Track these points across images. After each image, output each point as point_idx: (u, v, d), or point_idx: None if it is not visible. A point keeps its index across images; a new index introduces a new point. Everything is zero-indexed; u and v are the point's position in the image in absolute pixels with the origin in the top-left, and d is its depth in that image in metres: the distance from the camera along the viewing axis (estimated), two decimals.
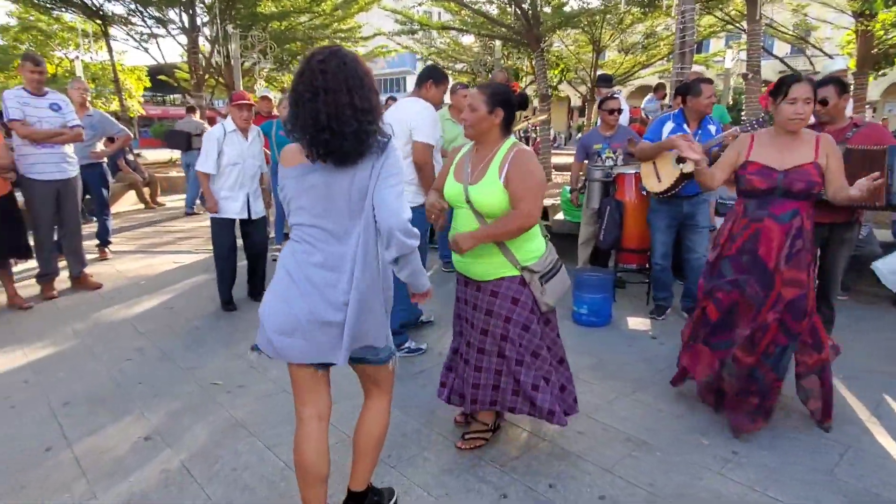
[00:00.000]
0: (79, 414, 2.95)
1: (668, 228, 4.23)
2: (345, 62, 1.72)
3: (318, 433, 1.95)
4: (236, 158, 4.40)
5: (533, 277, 2.45)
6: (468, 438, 2.67)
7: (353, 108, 1.70)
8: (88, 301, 4.80)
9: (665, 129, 4.09)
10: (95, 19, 15.68)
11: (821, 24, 17.92)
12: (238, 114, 4.39)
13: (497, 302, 2.46)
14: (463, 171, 2.49)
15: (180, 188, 12.29)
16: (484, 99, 2.38)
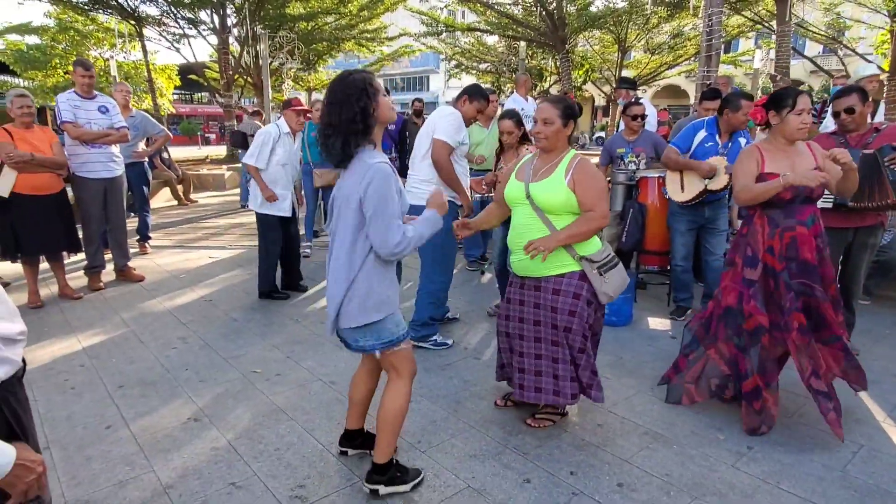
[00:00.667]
0: (132, 396, 3.19)
1: (688, 231, 4.33)
2: (337, 83, 2.15)
3: (361, 374, 2.52)
4: (285, 159, 4.69)
5: (592, 267, 2.64)
6: (539, 418, 2.90)
7: (322, 121, 2.15)
8: (133, 293, 5.08)
9: (697, 138, 4.15)
10: (130, 20, 16.16)
11: (854, 23, 17.62)
12: (295, 118, 4.69)
13: (560, 299, 2.66)
14: (525, 172, 2.74)
15: (210, 185, 12.66)
16: (558, 113, 2.65)
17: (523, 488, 2.41)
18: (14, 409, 1.32)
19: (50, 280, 5.07)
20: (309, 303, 4.85)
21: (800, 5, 14.02)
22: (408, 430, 2.85)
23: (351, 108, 2.07)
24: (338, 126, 2.08)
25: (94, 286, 5.13)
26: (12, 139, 4.40)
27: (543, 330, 2.74)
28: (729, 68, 19.57)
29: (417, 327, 3.83)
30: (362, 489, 2.38)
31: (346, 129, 2.08)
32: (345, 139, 2.09)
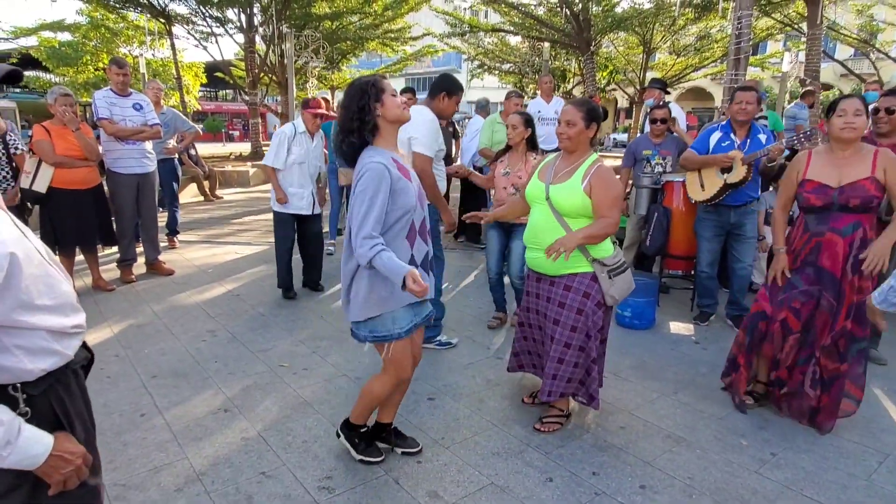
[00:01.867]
0: (165, 385, 3.29)
1: (714, 237, 4.30)
2: (347, 89, 2.31)
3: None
4: (301, 158, 4.73)
5: (603, 270, 2.74)
6: (546, 422, 2.92)
7: (338, 125, 2.32)
8: (163, 286, 5.21)
9: (712, 139, 4.15)
10: (160, 18, 16.46)
11: (888, 26, 17.26)
12: (311, 119, 4.74)
13: (570, 295, 2.75)
14: (547, 173, 2.82)
15: (235, 182, 12.85)
16: (582, 115, 2.72)
17: (546, 486, 2.45)
18: (62, 398, 1.33)
19: (84, 272, 5.22)
20: (334, 299, 4.93)
21: (831, 7, 13.78)
22: (431, 426, 2.90)
23: (351, 109, 2.23)
24: (343, 127, 2.24)
25: (125, 279, 5.27)
26: (50, 137, 4.54)
27: (550, 326, 2.82)
28: (756, 71, 19.29)
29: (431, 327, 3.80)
30: (388, 482, 2.44)
31: (347, 128, 2.23)
32: (345, 138, 2.25)
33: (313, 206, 4.87)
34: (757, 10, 11.98)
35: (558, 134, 2.79)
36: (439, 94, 3.69)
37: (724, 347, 3.99)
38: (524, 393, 3.25)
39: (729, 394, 3.26)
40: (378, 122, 2.24)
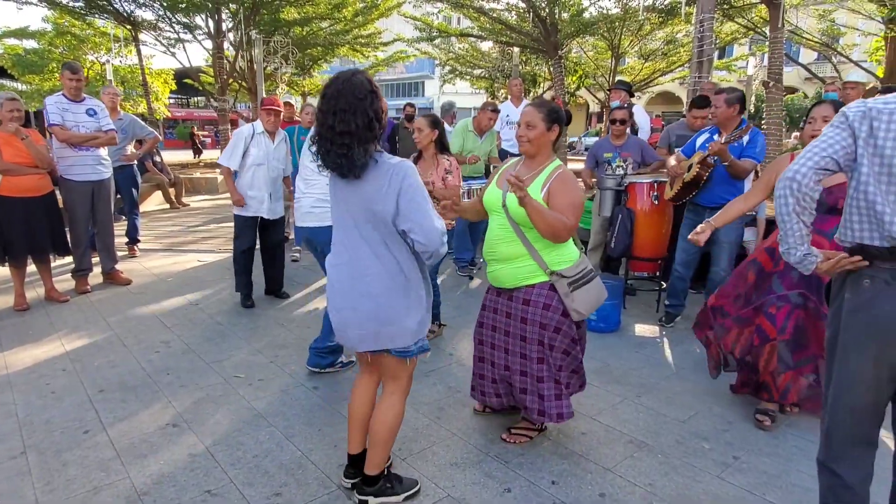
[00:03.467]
0: (113, 400, 3.15)
1: None
2: (340, 87, 1.97)
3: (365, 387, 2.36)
4: (261, 159, 4.59)
5: (561, 282, 2.55)
6: (514, 433, 2.81)
7: (331, 131, 1.96)
8: (119, 296, 5.03)
9: (699, 140, 4.19)
10: (126, 25, 16.13)
11: (848, 30, 17.70)
12: (266, 118, 4.59)
13: (530, 310, 2.58)
14: (505, 180, 2.60)
15: (203, 189, 12.63)
16: (542, 116, 2.53)
17: (503, 498, 2.38)
18: None
19: (37, 283, 5.03)
20: (296, 307, 4.81)
21: (793, 12, 14.07)
22: None
23: (365, 113, 1.96)
24: (355, 133, 1.95)
25: (80, 289, 5.09)
26: None
27: (511, 341, 2.68)
28: (723, 74, 19.64)
29: (325, 354, 3.53)
30: (340, 496, 2.35)
31: (365, 135, 1.97)
32: (365, 147, 1.97)
33: (274, 211, 4.72)
34: (720, 15, 12.18)
35: (518, 137, 2.60)
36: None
37: (689, 350, 4.01)
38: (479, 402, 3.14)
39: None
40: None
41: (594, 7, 13.80)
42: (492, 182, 2.77)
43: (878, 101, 1.68)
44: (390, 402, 2.24)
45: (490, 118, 5.66)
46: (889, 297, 1.68)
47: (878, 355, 1.74)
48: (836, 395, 1.86)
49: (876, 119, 1.64)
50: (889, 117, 1.63)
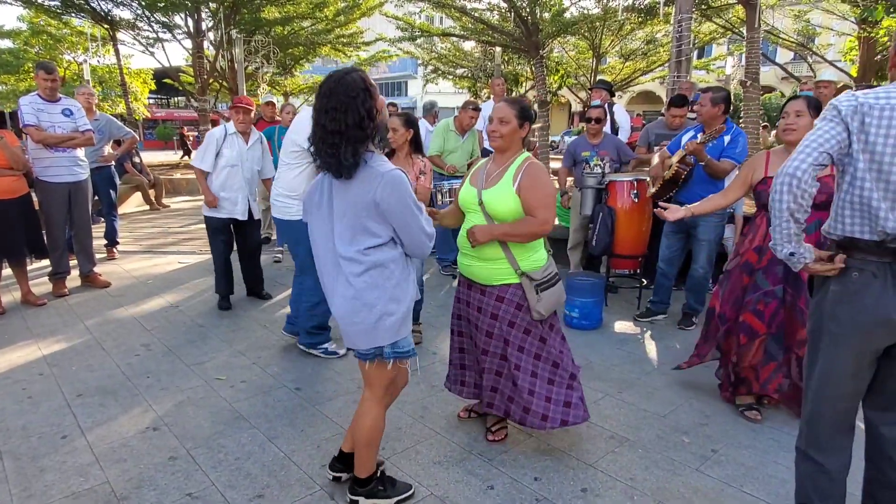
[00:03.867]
0: (91, 404, 3.10)
1: (672, 233, 4.33)
2: (333, 85, 1.96)
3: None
4: (234, 160, 4.51)
5: (531, 285, 2.57)
6: (496, 431, 2.84)
7: (323, 130, 1.96)
8: (98, 299, 4.96)
9: (684, 139, 4.24)
10: (103, 24, 15.89)
11: (823, 30, 18.00)
12: (235, 116, 4.53)
13: (502, 307, 2.60)
14: (479, 177, 2.67)
15: (184, 190, 12.48)
16: (515, 113, 2.57)
17: (487, 495, 2.39)
18: None
19: (13, 286, 4.94)
20: (278, 308, 4.79)
21: (769, 12, 14.29)
22: None
23: (357, 111, 1.92)
24: (344, 133, 1.92)
25: (58, 292, 5.01)
26: None
27: (478, 336, 2.69)
28: (702, 73, 19.87)
29: (314, 332, 3.75)
30: (323, 497, 2.35)
31: (355, 135, 1.93)
32: (354, 147, 1.94)
33: (249, 212, 4.65)
34: (698, 15, 12.33)
35: (490, 132, 2.63)
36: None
37: (669, 346, 4.06)
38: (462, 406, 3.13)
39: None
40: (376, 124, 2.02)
41: (575, 7, 13.87)
42: (465, 181, 2.77)
43: (869, 95, 1.68)
44: (364, 409, 2.23)
45: (471, 117, 5.66)
46: (875, 289, 1.71)
47: (861, 345, 1.77)
48: (820, 385, 1.89)
49: (867, 115, 1.65)
50: (880, 113, 1.63)
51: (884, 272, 1.70)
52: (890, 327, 1.71)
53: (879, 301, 1.70)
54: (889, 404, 1.86)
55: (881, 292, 1.70)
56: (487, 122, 6.68)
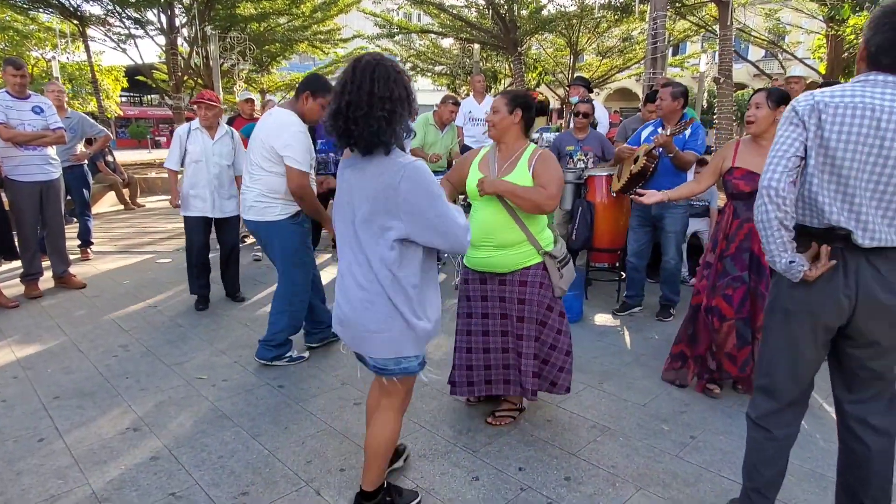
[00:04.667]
0: (69, 407, 3.05)
1: (639, 227, 4.41)
2: (377, 61, 1.84)
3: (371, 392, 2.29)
4: (198, 156, 4.41)
5: (554, 263, 2.72)
6: (499, 416, 2.90)
7: (370, 95, 1.79)
8: (73, 300, 4.87)
9: (644, 133, 4.32)
10: (72, 20, 15.54)
11: (793, 28, 18.39)
12: (198, 112, 4.46)
13: (528, 290, 2.71)
14: (489, 167, 2.71)
15: (159, 189, 12.28)
16: (505, 102, 2.64)
17: (472, 486, 2.42)
18: None
19: None
20: (259, 306, 4.75)
21: (741, 10, 14.56)
22: (357, 432, 2.82)
23: (402, 96, 1.83)
24: (396, 100, 1.80)
25: (30, 294, 4.90)
26: None
27: (510, 323, 2.76)
28: (676, 70, 20.16)
29: (271, 347, 3.57)
30: (308, 493, 2.35)
31: (399, 109, 1.82)
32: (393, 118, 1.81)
33: (222, 209, 4.54)
34: (672, 13, 12.50)
35: (487, 120, 2.74)
36: (302, 95, 3.32)
37: (648, 337, 4.13)
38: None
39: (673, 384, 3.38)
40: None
41: (552, 4, 13.98)
42: (471, 170, 2.77)
43: (826, 93, 1.74)
44: (383, 419, 2.11)
45: (451, 111, 5.67)
46: (827, 272, 1.79)
47: (812, 324, 1.87)
48: (776, 360, 1.99)
49: (823, 112, 1.72)
50: (835, 110, 1.70)
51: (835, 256, 1.79)
52: (839, 308, 1.80)
53: (830, 283, 1.80)
54: (850, 384, 1.97)
55: (832, 275, 1.79)
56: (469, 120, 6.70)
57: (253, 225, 3.52)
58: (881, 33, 1.69)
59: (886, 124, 1.65)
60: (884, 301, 1.75)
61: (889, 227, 1.71)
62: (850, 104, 1.68)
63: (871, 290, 1.75)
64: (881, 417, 1.92)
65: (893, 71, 1.69)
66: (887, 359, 1.87)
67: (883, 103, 1.66)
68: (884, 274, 1.74)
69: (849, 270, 1.77)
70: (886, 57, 1.69)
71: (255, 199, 3.42)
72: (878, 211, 1.71)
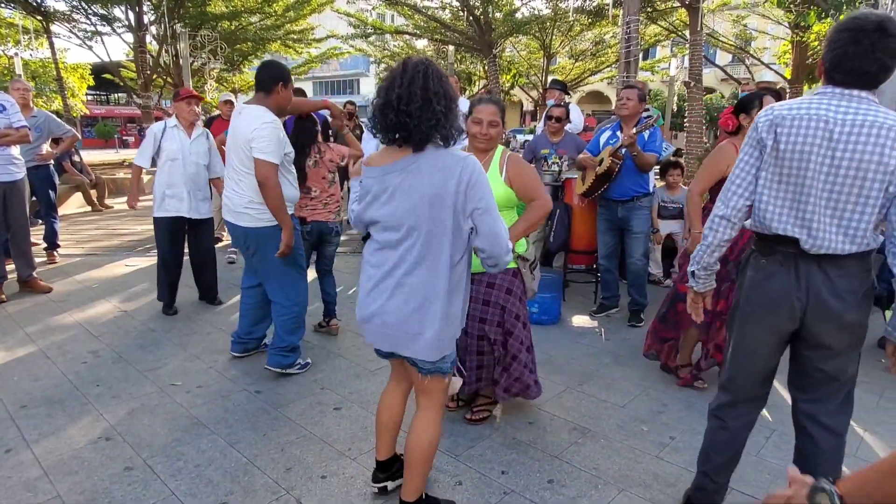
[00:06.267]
0: (37, 416, 2.94)
1: (607, 231, 4.46)
2: (428, 62, 1.89)
3: (396, 396, 2.27)
4: (175, 154, 4.29)
5: (525, 265, 2.76)
6: (476, 411, 2.93)
7: (424, 90, 1.80)
8: (39, 305, 4.71)
9: (602, 138, 4.36)
10: (36, 15, 15.09)
11: (759, 34, 18.86)
12: (187, 108, 4.31)
13: (493, 293, 2.73)
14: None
15: (127, 190, 11.96)
16: (501, 115, 2.69)
17: (455, 491, 2.40)
18: None
19: None
20: (234, 310, 4.64)
21: (710, 16, 14.88)
22: (337, 437, 2.78)
23: (451, 88, 1.89)
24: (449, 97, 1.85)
25: None
26: None
27: (470, 323, 2.76)
28: (647, 74, 20.50)
29: (287, 353, 3.43)
30: (289, 501, 2.30)
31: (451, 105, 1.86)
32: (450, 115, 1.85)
33: (198, 210, 4.43)
34: (644, 17, 12.70)
35: (482, 135, 2.65)
36: (276, 86, 3.17)
37: (625, 338, 4.17)
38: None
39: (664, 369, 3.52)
40: None
41: (526, 7, 14.08)
42: None
43: (784, 106, 1.85)
44: (425, 421, 2.07)
45: None
46: (781, 275, 1.89)
47: (771, 325, 1.96)
48: (734, 357, 2.10)
49: (780, 125, 1.81)
50: (791, 122, 1.79)
51: (788, 261, 1.87)
52: (791, 311, 1.89)
53: (784, 286, 1.89)
54: (803, 384, 2.06)
55: (785, 278, 1.88)
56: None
57: (244, 231, 3.29)
58: (832, 51, 1.78)
59: (839, 135, 1.73)
60: (832, 306, 1.83)
61: (844, 235, 1.79)
62: (806, 116, 1.78)
63: (820, 294, 1.84)
64: (832, 417, 2.00)
65: (846, 84, 1.77)
66: (838, 361, 1.94)
67: (837, 116, 1.75)
68: (833, 280, 1.83)
69: (800, 275, 1.86)
70: (837, 72, 1.78)
71: (246, 205, 3.24)
72: (832, 220, 1.79)
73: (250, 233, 3.29)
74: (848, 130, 1.72)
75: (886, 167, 1.69)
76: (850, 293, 1.83)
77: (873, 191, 1.72)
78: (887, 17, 1.70)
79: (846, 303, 1.82)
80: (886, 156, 1.69)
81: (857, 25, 1.71)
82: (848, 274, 1.82)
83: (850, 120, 1.72)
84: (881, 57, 1.70)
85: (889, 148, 1.68)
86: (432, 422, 2.07)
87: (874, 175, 1.71)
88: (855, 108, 1.74)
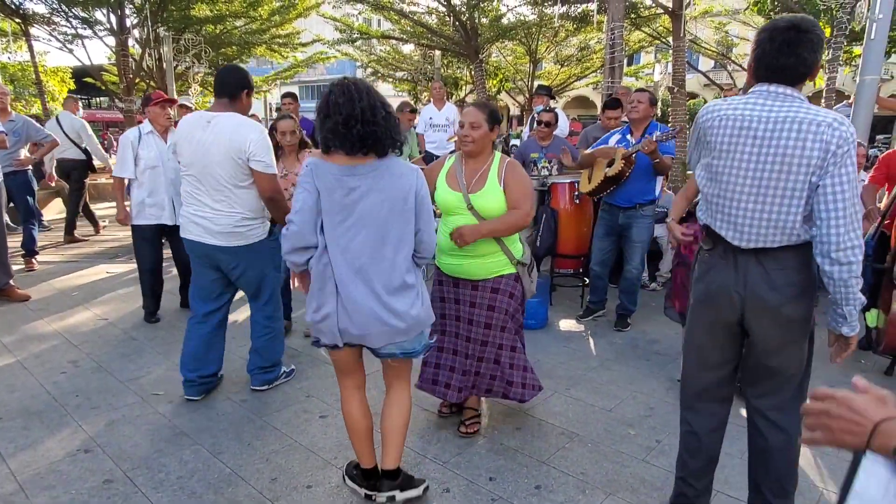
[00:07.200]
0: (13, 428, 2.87)
1: (605, 236, 4.43)
2: (358, 79, 2.12)
3: (361, 399, 2.34)
4: (154, 161, 4.19)
5: (524, 270, 2.81)
6: (469, 424, 2.89)
7: (381, 102, 2.03)
8: (16, 313, 4.61)
9: (612, 141, 4.34)
10: (14, 18, 14.85)
11: (741, 40, 19.13)
12: (161, 112, 4.19)
13: (498, 297, 2.75)
14: (457, 181, 2.72)
15: (109, 195, 11.81)
16: (485, 118, 2.67)
17: (443, 498, 2.38)
18: None
19: None
20: None
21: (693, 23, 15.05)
22: (323, 446, 2.75)
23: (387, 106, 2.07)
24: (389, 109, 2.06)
25: None
26: None
27: (474, 329, 2.79)
28: (632, 80, 20.69)
29: (270, 369, 3.34)
30: None
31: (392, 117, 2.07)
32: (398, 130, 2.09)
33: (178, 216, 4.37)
34: (628, 24, 12.82)
35: (462, 137, 2.67)
36: (241, 93, 3.02)
37: (612, 342, 4.18)
38: (423, 403, 3.14)
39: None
40: None
41: (512, 13, 14.16)
42: (438, 184, 2.79)
43: (715, 105, 1.95)
44: (401, 397, 2.31)
45: (409, 119, 5.66)
46: (721, 268, 1.96)
47: (714, 318, 2.01)
48: (685, 351, 2.16)
49: (711, 125, 1.91)
50: (718, 122, 1.88)
51: (728, 254, 1.94)
52: (731, 303, 1.94)
53: (723, 279, 1.94)
54: (750, 379, 2.09)
55: (724, 269, 1.94)
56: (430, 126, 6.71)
57: (234, 251, 3.04)
58: (753, 51, 1.88)
59: (763, 132, 1.80)
60: (768, 300, 1.87)
61: (774, 228, 1.84)
62: (733, 116, 1.86)
63: (757, 288, 1.88)
64: (779, 413, 2.03)
65: (770, 80, 1.85)
66: (779, 357, 1.98)
67: (761, 114, 1.81)
68: (770, 273, 1.87)
69: (738, 267, 1.91)
70: (760, 70, 1.87)
71: (237, 224, 2.99)
72: (762, 213, 1.84)
73: (242, 251, 3.06)
74: (771, 127, 1.79)
75: (809, 160, 1.75)
76: (788, 286, 1.87)
77: (798, 183, 1.79)
78: (801, 17, 1.82)
79: (784, 296, 1.86)
80: (808, 149, 1.75)
81: (772, 26, 1.84)
82: (786, 267, 1.87)
83: (773, 117, 1.79)
84: (799, 52, 1.78)
85: (811, 142, 1.75)
86: (406, 397, 2.34)
87: (798, 168, 1.77)
88: (779, 106, 1.81)
